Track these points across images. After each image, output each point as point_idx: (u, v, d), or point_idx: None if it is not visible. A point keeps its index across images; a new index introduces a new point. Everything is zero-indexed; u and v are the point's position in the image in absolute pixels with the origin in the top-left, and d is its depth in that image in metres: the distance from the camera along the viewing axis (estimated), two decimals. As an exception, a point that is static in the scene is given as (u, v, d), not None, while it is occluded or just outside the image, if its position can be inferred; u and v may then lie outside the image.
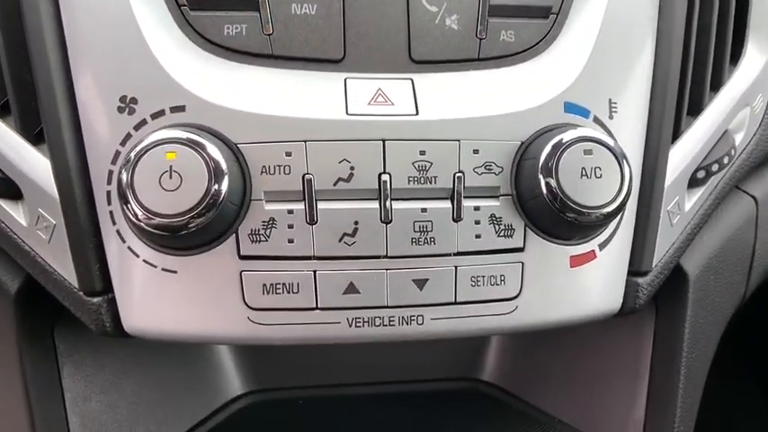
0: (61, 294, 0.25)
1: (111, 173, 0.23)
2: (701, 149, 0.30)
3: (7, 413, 0.28)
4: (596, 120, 0.26)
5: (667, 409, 0.33)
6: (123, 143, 0.23)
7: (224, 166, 0.22)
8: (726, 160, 0.31)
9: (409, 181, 0.24)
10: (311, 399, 0.38)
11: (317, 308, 0.24)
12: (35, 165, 0.25)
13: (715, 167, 0.31)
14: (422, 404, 0.38)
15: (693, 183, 0.31)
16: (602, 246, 0.26)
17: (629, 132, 0.27)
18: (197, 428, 0.34)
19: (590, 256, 0.26)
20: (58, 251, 0.25)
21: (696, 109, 0.31)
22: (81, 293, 0.25)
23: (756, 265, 0.38)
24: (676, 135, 0.30)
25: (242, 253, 0.23)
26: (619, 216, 0.26)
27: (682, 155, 0.29)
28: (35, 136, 0.25)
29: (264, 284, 0.24)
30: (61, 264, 0.25)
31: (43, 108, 0.24)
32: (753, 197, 0.37)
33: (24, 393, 0.27)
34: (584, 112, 0.26)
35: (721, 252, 0.34)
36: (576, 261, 0.26)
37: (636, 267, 0.28)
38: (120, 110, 0.23)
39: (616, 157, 0.24)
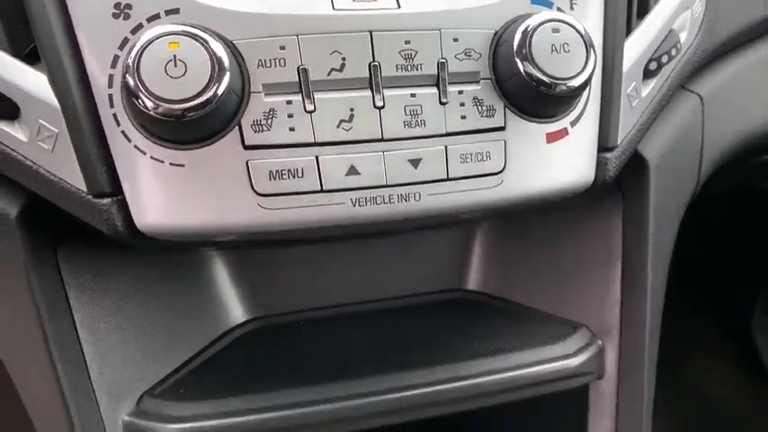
0: (69, 202, 0.26)
1: (111, 77, 0.24)
2: (651, 44, 0.34)
3: (22, 337, 0.28)
4: (559, 9, 0.29)
5: (640, 287, 0.36)
6: (121, 47, 0.24)
7: (225, 55, 0.23)
8: (673, 52, 0.35)
9: (397, 68, 0.26)
10: (309, 320, 0.39)
11: (321, 190, 0.26)
12: (31, 79, 0.25)
13: (665, 59, 0.34)
14: (413, 314, 0.40)
15: (647, 74, 0.34)
16: (573, 123, 0.29)
17: (589, 23, 0.30)
18: (202, 353, 0.35)
19: (563, 132, 0.29)
20: (63, 159, 0.25)
21: (643, 11, 0.34)
22: (90, 197, 0.25)
23: (705, 159, 0.42)
24: (628, 31, 0.33)
25: (246, 143, 0.25)
26: (586, 92, 0.29)
27: (635, 48, 0.33)
28: (28, 55, 0.25)
29: (271, 171, 0.25)
30: (68, 171, 0.25)
31: (35, 21, 0.25)
32: (698, 95, 0.41)
33: (36, 316, 0.28)
34: (548, 4, 0.29)
35: (675, 144, 0.38)
36: (552, 137, 0.28)
37: (604, 144, 0.31)
38: (115, 16, 0.24)
39: (580, 34, 0.27)
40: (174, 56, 0.23)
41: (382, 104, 0.26)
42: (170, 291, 0.35)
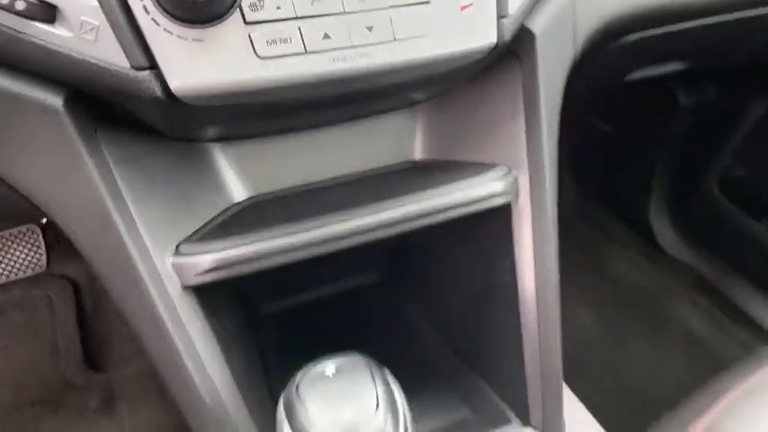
0: (116, 79, 0.33)
1: None
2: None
3: (85, 204, 0.36)
4: None
5: (539, 131, 0.48)
6: None
7: None
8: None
9: None
10: (296, 193, 0.49)
11: (305, 52, 0.35)
12: None
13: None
14: (373, 179, 0.51)
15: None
16: None
17: None
18: (217, 218, 0.44)
19: (470, 5, 0.40)
20: (106, 46, 0.33)
21: None
22: (134, 71, 0.33)
23: (578, 34, 0.54)
24: None
25: (247, 20, 0.34)
26: None
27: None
28: None
29: (267, 40, 0.34)
30: (112, 54, 0.33)
31: None
32: None
33: (93, 184, 0.35)
34: None
35: (554, 20, 0.50)
36: (463, 8, 0.39)
37: (501, 13, 0.42)
38: None
39: None
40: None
41: None
42: (185, 173, 0.44)
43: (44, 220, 1.24)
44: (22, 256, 1.25)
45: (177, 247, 0.40)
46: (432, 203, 0.45)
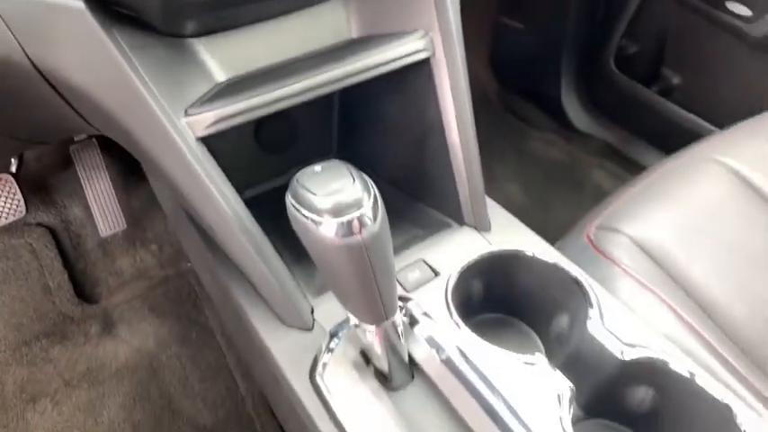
0: None
1: None
2: None
3: (115, 81, 0.48)
4: None
5: (445, 7, 0.62)
6: None
7: None
8: None
9: None
10: (266, 69, 0.62)
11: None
12: None
13: None
14: (323, 54, 0.64)
15: None
16: None
17: None
18: (208, 92, 0.57)
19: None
20: None
21: None
22: None
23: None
24: None
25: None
26: None
27: None
28: None
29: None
30: None
31: None
32: None
33: (116, 58, 0.48)
34: None
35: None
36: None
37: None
38: None
39: None
40: None
41: None
42: (179, 60, 0.56)
43: (13, 169, 1.31)
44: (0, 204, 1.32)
45: (185, 111, 0.53)
46: (371, 60, 0.59)
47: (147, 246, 1.44)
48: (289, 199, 0.40)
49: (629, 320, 0.55)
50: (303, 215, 0.39)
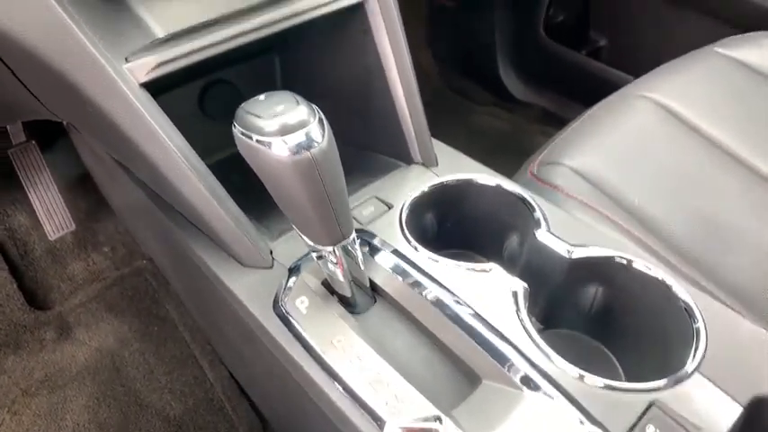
0: None
1: None
2: None
3: (57, 31, 0.48)
4: None
5: None
6: None
7: None
8: None
9: None
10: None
11: None
12: None
13: None
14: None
15: None
16: None
17: None
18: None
19: None
20: None
21: None
22: None
23: None
24: None
25: None
26: None
27: None
28: None
29: None
30: None
31: None
32: None
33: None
34: None
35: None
36: None
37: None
38: None
39: None
40: None
41: None
42: (114, 14, 0.56)
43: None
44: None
45: (126, 58, 0.53)
46: (303, 4, 0.61)
47: (99, 248, 1.40)
48: (236, 128, 0.41)
49: (573, 225, 0.59)
50: (253, 139, 0.40)
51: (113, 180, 0.99)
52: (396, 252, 0.57)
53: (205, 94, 0.83)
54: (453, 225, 0.68)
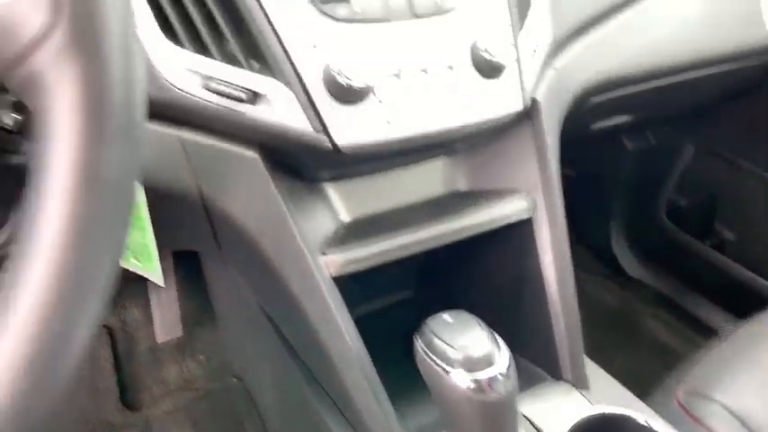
0: (300, 138, 0.51)
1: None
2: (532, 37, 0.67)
3: (272, 221, 0.53)
4: None
5: (548, 170, 0.68)
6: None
7: None
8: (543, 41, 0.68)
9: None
10: (383, 215, 0.67)
11: (409, 120, 0.55)
12: (268, 82, 0.51)
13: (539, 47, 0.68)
14: (432, 203, 0.70)
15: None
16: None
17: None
18: (334, 235, 0.62)
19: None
20: (296, 117, 0.51)
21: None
22: (314, 132, 0.52)
23: (566, 98, 0.76)
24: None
25: (380, 101, 0.53)
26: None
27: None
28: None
29: (389, 112, 0.54)
30: (300, 123, 0.51)
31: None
32: (555, 68, 0.75)
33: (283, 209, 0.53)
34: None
35: (548, 90, 0.71)
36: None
37: (524, 87, 0.63)
38: None
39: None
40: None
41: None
42: (312, 199, 0.62)
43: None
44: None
45: (323, 251, 0.57)
46: (476, 219, 0.64)
47: (196, 355, 1.43)
48: (419, 344, 0.43)
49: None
50: (435, 363, 0.41)
51: (242, 315, 1.04)
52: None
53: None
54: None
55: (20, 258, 0.22)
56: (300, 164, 0.58)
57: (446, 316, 0.48)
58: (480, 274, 0.78)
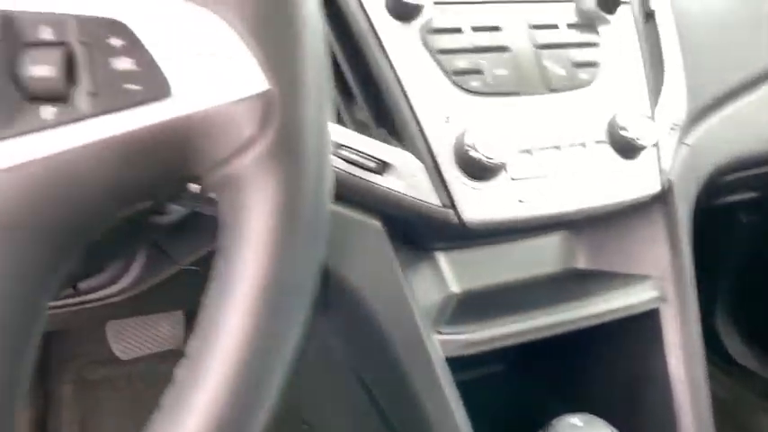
0: (427, 212, 0.50)
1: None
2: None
3: (393, 296, 0.51)
4: None
5: (681, 256, 0.63)
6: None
7: None
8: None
9: None
10: (493, 289, 0.64)
11: (540, 198, 0.52)
12: (397, 152, 0.50)
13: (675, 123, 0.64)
14: (548, 282, 0.66)
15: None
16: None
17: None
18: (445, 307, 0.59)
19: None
20: (424, 190, 0.50)
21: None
22: (442, 207, 0.50)
23: (699, 177, 0.70)
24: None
25: (512, 178, 0.51)
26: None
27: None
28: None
29: (522, 191, 0.51)
30: (427, 196, 0.50)
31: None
32: (688, 145, 0.70)
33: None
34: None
35: (682, 169, 0.65)
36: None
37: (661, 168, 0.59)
38: None
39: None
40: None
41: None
42: (422, 268, 0.60)
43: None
44: (163, 332, 1.38)
45: (439, 331, 0.54)
46: (598, 308, 0.59)
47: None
48: None
49: None
50: None
51: (326, 368, 1.02)
52: None
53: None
54: None
55: (196, 361, 0.21)
56: (418, 234, 0.56)
57: (574, 419, 0.44)
58: (593, 365, 0.72)
